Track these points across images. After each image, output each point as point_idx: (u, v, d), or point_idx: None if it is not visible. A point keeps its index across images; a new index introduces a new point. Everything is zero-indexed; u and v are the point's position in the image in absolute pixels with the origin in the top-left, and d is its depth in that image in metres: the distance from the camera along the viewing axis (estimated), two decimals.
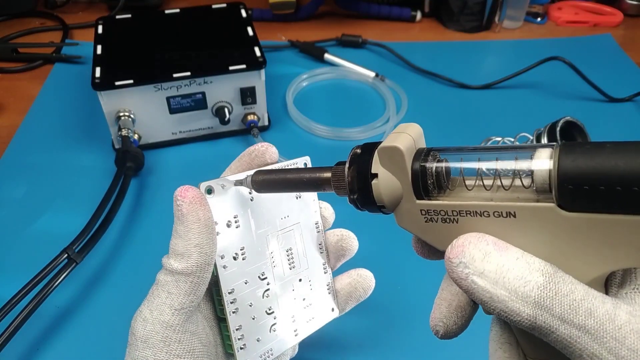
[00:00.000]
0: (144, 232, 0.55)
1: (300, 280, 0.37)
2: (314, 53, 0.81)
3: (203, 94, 0.61)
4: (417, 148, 0.25)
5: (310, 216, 0.38)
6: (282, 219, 0.36)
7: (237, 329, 0.33)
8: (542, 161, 0.21)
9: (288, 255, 0.36)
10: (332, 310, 0.39)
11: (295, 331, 0.37)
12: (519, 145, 0.23)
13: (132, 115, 0.60)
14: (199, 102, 0.62)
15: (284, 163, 0.35)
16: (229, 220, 0.32)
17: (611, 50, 0.86)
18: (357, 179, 0.25)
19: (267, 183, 0.31)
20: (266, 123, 0.68)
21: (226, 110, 0.63)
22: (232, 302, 0.33)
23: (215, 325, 0.34)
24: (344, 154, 0.27)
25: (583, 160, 0.19)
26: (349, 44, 0.84)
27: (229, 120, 0.63)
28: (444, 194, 0.24)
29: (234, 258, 0.33)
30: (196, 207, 0.29)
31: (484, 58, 0.85)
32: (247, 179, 0.32)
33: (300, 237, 0.37)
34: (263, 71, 0.62)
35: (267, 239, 0.35)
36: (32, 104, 0.71)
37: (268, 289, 0.35)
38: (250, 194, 0.34)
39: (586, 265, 0.21)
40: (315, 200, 0.38)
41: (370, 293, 0.39)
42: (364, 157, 0.25)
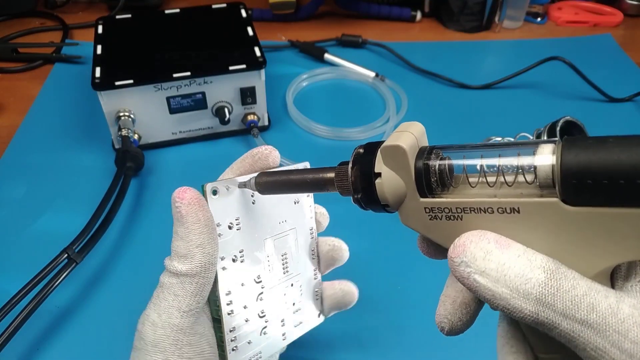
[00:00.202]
0: (144, 232, 0.55)
1: (292, 285, 0.37)
2: (314, 53, 0.81)
3: (203, 94, 0.61)
4: (419, 146, 0.25)
5: (305, 222, 0.38)
6: (279, 223, 0.36)
7: (231, 331, 0.33)
8: (545, 157, 0.21)
9: (283, 260, 0.37)
10: (319, 316, 0.40)
11: (284, 335, 0.37)
12: (521, 141, 0.23)
13: (132, 115, 0.60)
14: (199, 102, 0.62)
15: (284, 168, 0.35)
16: (231, 222, 0.32)
17: (611, 50, 0.86)
18: (361, 178, 0.25)
19: (270, 185, 0.31)
20: (266, 123, 0.68)
21: (226, 110, 0.63)
22: (228, 303, 0.33)
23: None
24: (344, 154, 0.27)
25: (586, 154, 0.19)
26: (349, 44, 0.84)
27: (229, 120, 0.63)
28: (448, 191, 0.24)
29: (233, 260, 0.33)
30: (195, 208, 0.29)
31: (484, 58, 0.85)
32: (251, 180, 0.32)
33: (295, 243, 0.37)
34: (263, 71, 0.62)
35: (264, 242, 0.35)
36: (32, 104, 0.71)
37: (262, 292, 0.35)
38: (252, 196, 0.34)
39: (591, 259, 0.21)
40: (311, 206, 0.38)
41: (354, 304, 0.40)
42: (367, 157, 0.25)
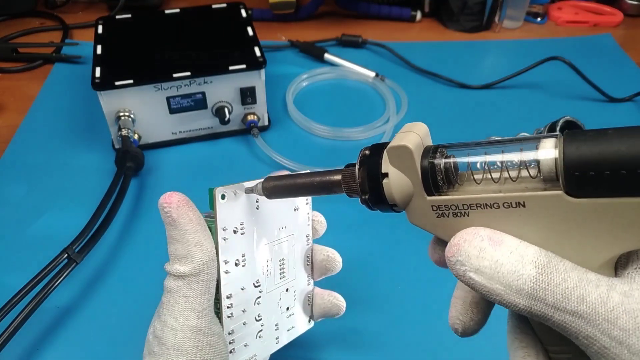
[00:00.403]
0: (144, 232, 0.55)
1: (287, 290, 0.38)
2: (314, 53, 0.81)
3: (203, 94, 0.61)
4: (424, 146, 0.25)
5: (303, 229, 0.39)
6: (279, 229, 0.37)
7: (230, 333, 0.34)
8: (548, 150, 0.21)
9: (280, 266, 0.37)
10: (309, 321, 0.41)
11: (277, 339, 0.38)
12: (523, 137, 0.23)
13: (132, 115, 0.60)
14: (199, 102, 0.62)
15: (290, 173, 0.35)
16: (236, 227, 0.33)
17: (611, 50, 0.86)
18: (368, 179, 0.26)
19: (278, 189, 0.31)
20: (266, 123, 0.68)
21: (226, 110, 0.63)
22: (228, 306, 0.33)
23: None
24: (344, 154, 0.27)
25: (587, 147, 0.20)
26: (349, 44, 0.85)
27: (229, 120, 0.63)
28: (454, 189, 0.24)
29: (235, 264, 0.33)
30: (185, 209, 0.30)
31: (484, 58, 0.85)
32: (258, 185, 0.32)
33: (293, 249, 0.38)
34: (263, 71, 0.62)
35: (265, 248, 0.36)
36: (32, 104, 0.71)
37: (260, 297, 0.36)
38: (257, 202, 0.34)
39: (596, 249, 0.21)
40: (309, 213, 0.39)
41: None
42: (373, 158, 0.26)
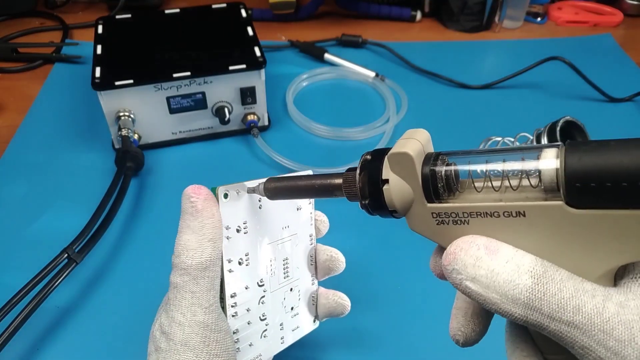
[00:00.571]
0: (144, 232, 0.55)
1: (291, 289, 0.38)
2: (314, 53, 0.81)
3: (203, 93, 0.61)
4: (425, 153, 0.25)
5: (306, 228, 0.39)
6: (282, 228, 0.37)
7: (234, 333, 0.34)
8: (549, 160, 0.21)
9: (284, 265, 0.37)
10: (314, 321, 0.41)
11: (282, 339, 0.38)
12: (525, 146, 0.23)
13: (132, 115, 0.60)
14: (199, 102, 0.62)
15: (292, 174, 0.35)
16: (239, 226, 0.33)
17: (611, 50, 0.86)
18: (369, 184, 0.26)
19: (279, 190, 0.31)
20: (266, 123, 0.68)
21: (226, 110, 0.63)
22: (232, 305, 0.33)
23: None
24: (344, 154, 0.27)
25: (589, 158, 0.20)
26: (349, 44, 0.85)
27: (229, 120, 0.63)
28: (454, 196, 0.24)
29: (239, 263, 0.33)
30: (210, 204, 0.31)
31: (484, 58, 0.85)
32: (260, 186, 0.32)
33: (296, 248, 0.38)
34: (263, 71, 0.62)
35: (268, 247, 0.36)
36: (32, 104, 0.71)
37: (264, 296, 0.36)
38: (259, 201, 0.34)
39: (595, 260, 0.21)
40: (312, 212, 0.39)
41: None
42: (374, 163, 0.26)
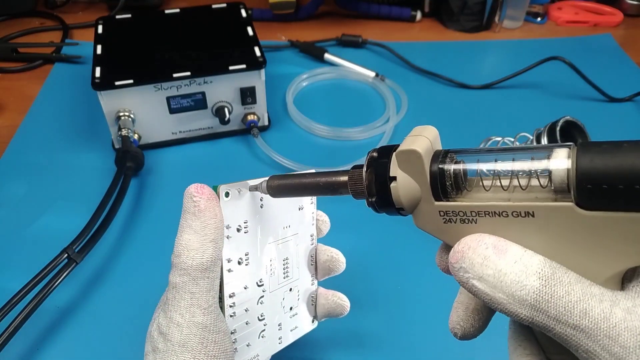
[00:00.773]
0: (144, 232, 0.55)
1: (291, 289, 0.38)
2: (314, 53, 0.81)
3: (203, 94, 0.61)
4: (434, 150, 0.25)
5: (307, 228, 0.39)
6: (284, 228, 0.36)
7: (232, 333, 0.34)
8: (560, 160, 0.21)
9: (284, 265, 0.37)
10: (312, 321, 0.41)
11: (280, 339, 0.38)
12: (535, 145, 0.23)
13: (132, 115, 0.60)
14: (199, 102, 0.62)
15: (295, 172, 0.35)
16: (240, 225, 0.33)
17: (611, 50, 0.86)
18: (376, 182, 0.26)
19: (282, 188, 0.31)
20: (266, 123, 0.68)
21: (226, 110, 0.63)
22: (231, 305, 0.33)
23: None
24: (344, 154, 0.27)
25: (601, 159, 0.19)
26: (349, 44, 0.85)
27: (229, 120, 0.63)
28: (462, 195, 0.24)
29: (238, 262, 0.33)
30: (213, 204, 0.30)
31: (484, 58, 0.85)
32: (263, 184, 0.32)
33: (297, 248, 0.38)
34: (263, 71, 0.62)
35: (269, 246, 0.35)
36: (32, 104, 0.71)
37: (263, 296, 0.36)
38: (261, 200, 0.34)
39: (604, 263, 0.21)
40: (313, 212, 0.39)
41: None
42: (381, 161, 0.26)
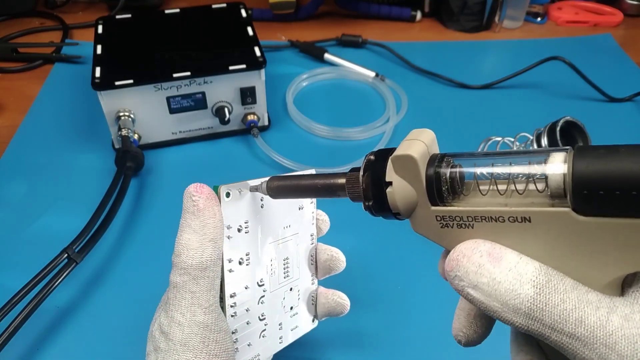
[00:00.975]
0: (144, 232, 0.55)
1: (291, 289, 0.38)
2: (314, 53, 0.81)
3: (203, 93, 0.61)
4: (430, 154, 0.25)
5: (307, 228, 0.39)
6: (284, 228, 0.36)
7: (233, 332, 0.34)
8: (556, 165, 0.21)
9: (284, 264, 0.37)
10: (313, 321, 0.41)
11: (281, 338, 0.38)
12: (532, 150, 0.23)
13: (132, 115, 0.60)
14: (199, 102, 0.62)
15: (295, 173, 0.35)
16: (240, 225, 0.33)
17: (611, 50, 0.86)
18: (372, 186, 0.25)
19: (282, 189, 0.31)
20: (266, 123, 0.68)
21: (226, 110, 0.63)
22: (232, 305, 0.33)
23: None
24: (344, 154, 0.27)
25: (598, 164, 0.19)
26: (349, 44, 0.85)
27: (229, 120, 0.63)
28: (459, 199, 0.24)
29: (239, 262, 0.33)
30: (212, 203, 0.30)
31: (484, 58, 0.85)
32: (263, 185, 0.32)
33: (297, 248, 0.38)
34: (263, 71, 0.62)
35: (269, 246, 0.35)
36: (32, 104, 0.71)
37: (263, 296, 0.36)
38: (261, 200, 0.34)
39: (601, 268, 0.21)
40: (313, 212, 0.39)
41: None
42: (378, 165, 0.25)
